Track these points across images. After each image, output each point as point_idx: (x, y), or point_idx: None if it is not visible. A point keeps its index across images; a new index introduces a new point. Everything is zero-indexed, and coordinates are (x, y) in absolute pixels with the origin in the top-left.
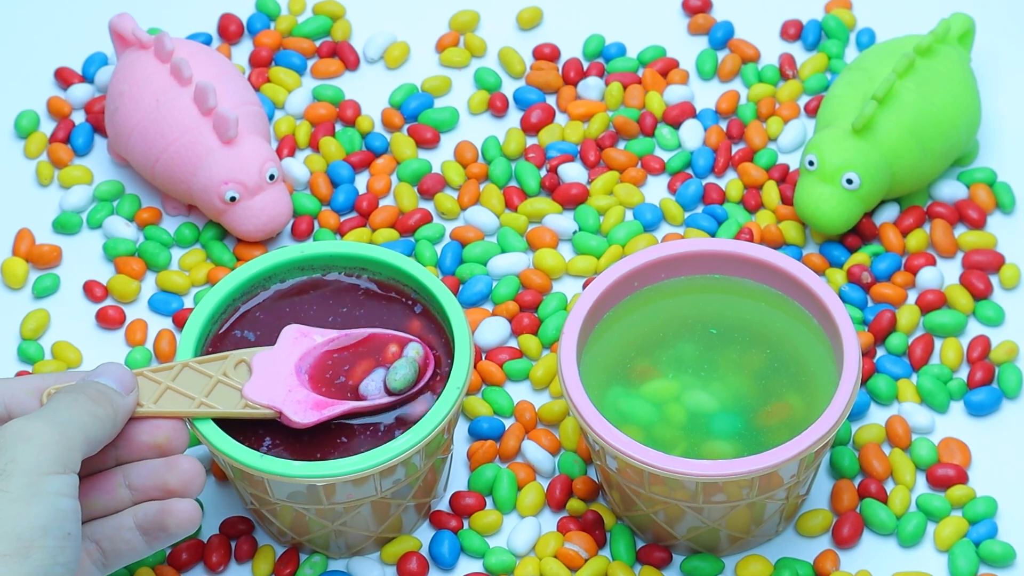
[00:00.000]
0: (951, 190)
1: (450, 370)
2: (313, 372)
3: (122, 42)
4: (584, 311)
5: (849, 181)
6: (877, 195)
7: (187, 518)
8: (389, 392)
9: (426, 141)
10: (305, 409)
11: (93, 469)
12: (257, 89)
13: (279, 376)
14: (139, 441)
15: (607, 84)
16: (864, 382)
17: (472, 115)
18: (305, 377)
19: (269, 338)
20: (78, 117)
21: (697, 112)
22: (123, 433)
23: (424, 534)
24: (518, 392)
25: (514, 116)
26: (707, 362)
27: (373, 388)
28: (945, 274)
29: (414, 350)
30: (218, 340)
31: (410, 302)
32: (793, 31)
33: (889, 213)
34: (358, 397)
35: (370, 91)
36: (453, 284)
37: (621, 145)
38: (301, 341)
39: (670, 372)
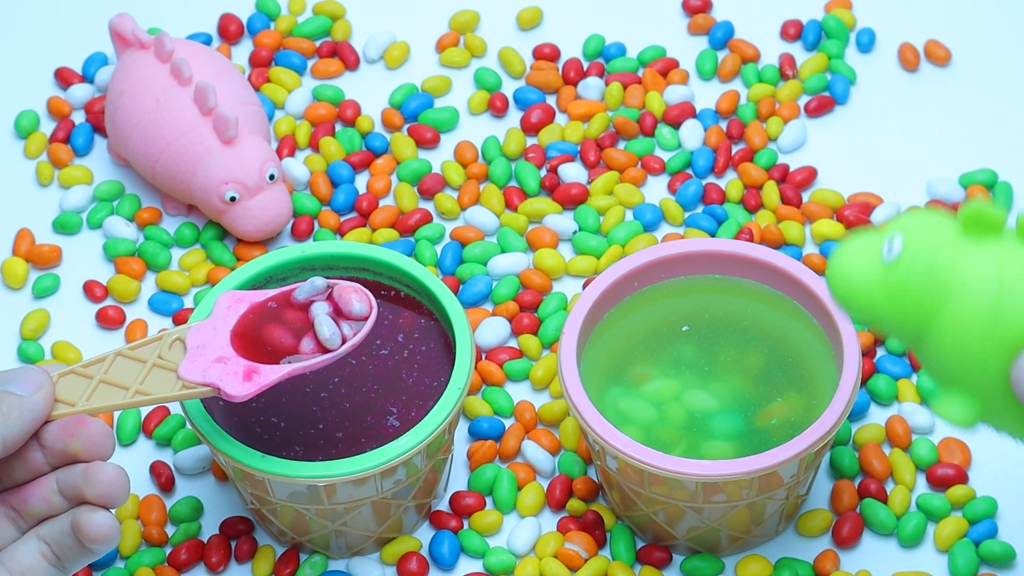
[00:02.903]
0: (951, 190)
1: (450, 370)
2: (249, 337)
3: (122, 42)
4: (584, 311)
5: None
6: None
7: (96, 533)
8: (325, 350)
9: (426, 141)
10: (241, 381)
11: (29, 474)
12: (257, 89)
13: (215, 349)
14: (55, 448)
15: (607, 84)
16: (864, 382)
17: (472, 115)
18: (246, 344)
19: None
20: (78, 117)
21: (697, 112)
22: (43, 438)
23: (424, 534)
24: (518, 392)
25: (514, 116)
26: (707, 362)
27: (308, 347)
28: None
29: (321, 309)
30: None
31: (410, 302)
32: (793, 31)
33: (888, 212)
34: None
35: (370, 91)
36: (453, 284)
37: (621, 145)
38: (236, 308)
39: (670, 372)
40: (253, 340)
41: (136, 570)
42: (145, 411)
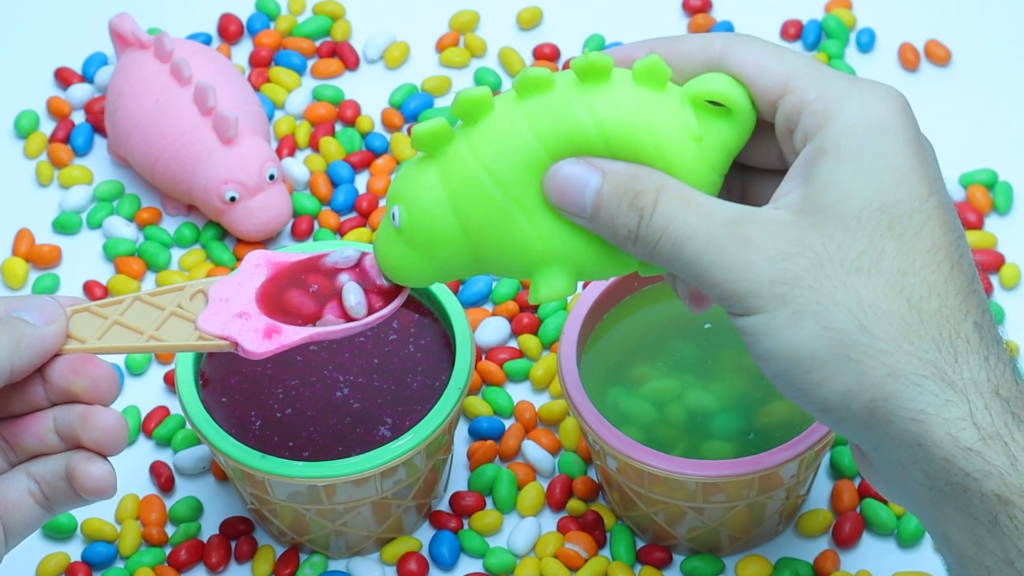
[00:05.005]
0: (951, 190)
1: (450, 370)
2: (273, 299)
3: (122, 42)
4: (584, 311)
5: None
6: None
7: (96, 485)
8: (349, 318)
9: None
10: (261, 339)
11: (26, 407)
12: (257, 89)
13: (238, 304)
14: (57, 385)
15: None
16: None
17: None
18: (270, 305)
19: None
20: (78, 117)
21: None
22: (46, 373)
23: (424, 534)
24: (518, 392)
25: None
26: (707, 362)
27: (331, 315)
28: None
29: (349, 277)
30: None
31: (410, 301)
32: (793, 31)
33: None
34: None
35: (370, 91)
36: (453, 284)
37: None
38: (265, 267)
39: (670, 372)
40: (276, 302)
41: (136, 570)
42: (145, 411)
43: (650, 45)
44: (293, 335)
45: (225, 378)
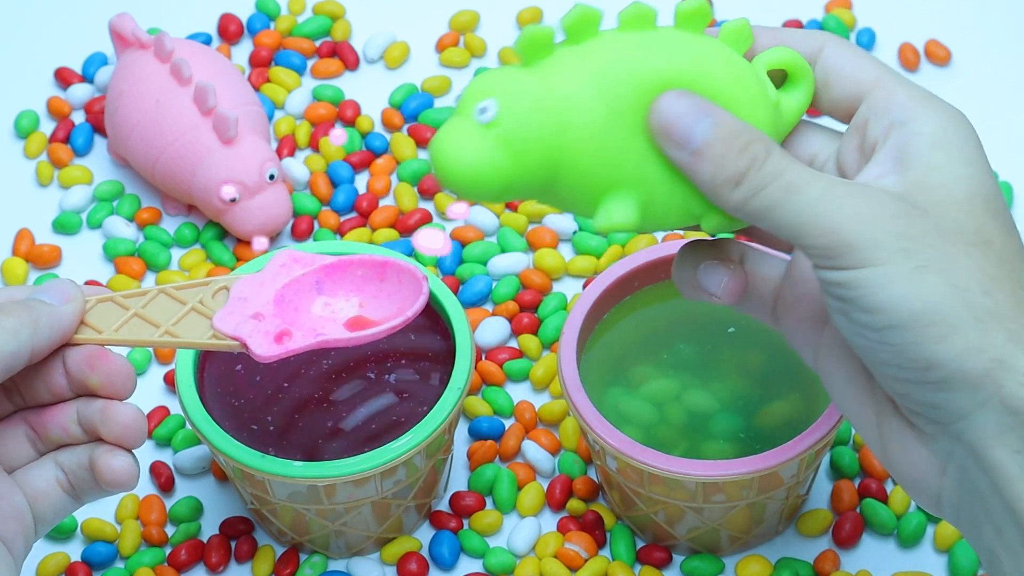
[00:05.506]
0: None
1: (450, 370)
2: (288, 302)
3: (122, 42)
4: (584, 311)
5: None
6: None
7: (116, 478)
8: (359, 327)
9: (426, 141)
10: (271, 342)
11: (51, 397)
12: (257, 89)
13: (255, 304)
14: (76, 378)
15: None
16: None
17: None
18: (285, 307)
19: None
20: (78, 117)
21: None
22: (66, 363)
23: (424, 534)
24: (518, 392)
25: None
26: (707, 362)
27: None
28: None
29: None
30: None
31: None
32: None
33: None
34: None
35: (370, 91)
36: (453, 284)
37: None
38: (291, 268)
39: (670, 372)
40: (294, 304)
41: (136, 570)
42: (145, 411)
43: (755, 31)
44: (301, 340)
45: (225, 378)
